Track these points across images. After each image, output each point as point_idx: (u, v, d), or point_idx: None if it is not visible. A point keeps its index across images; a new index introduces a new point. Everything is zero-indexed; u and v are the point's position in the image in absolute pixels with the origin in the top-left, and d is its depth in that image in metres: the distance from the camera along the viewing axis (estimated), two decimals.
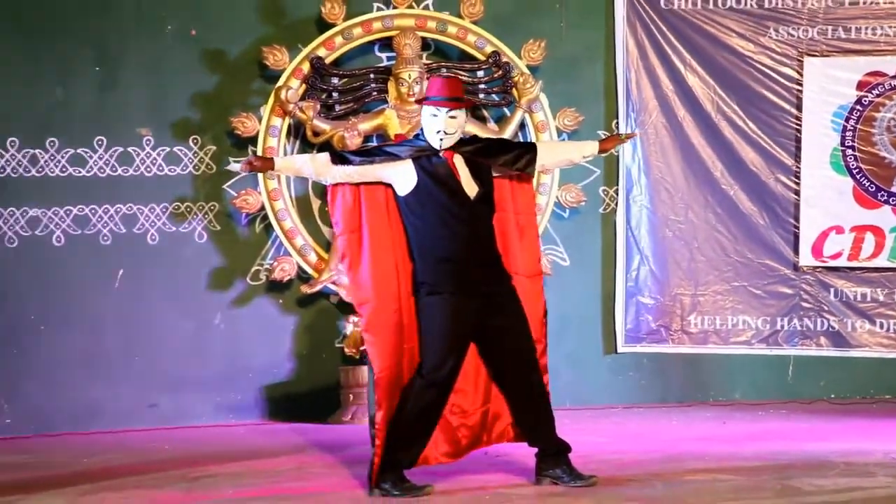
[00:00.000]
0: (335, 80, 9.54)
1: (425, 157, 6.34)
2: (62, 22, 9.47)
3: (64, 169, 9.47)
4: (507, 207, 6.58)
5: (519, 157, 6.52)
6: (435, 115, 6.29)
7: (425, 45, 9.62)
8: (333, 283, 9.44)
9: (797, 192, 9.62)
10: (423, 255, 6.29)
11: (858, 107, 9.54)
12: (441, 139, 6.29)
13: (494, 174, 6.48)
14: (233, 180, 9.58)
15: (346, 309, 9.53)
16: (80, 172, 9.48)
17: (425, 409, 6.24)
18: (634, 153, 9.70)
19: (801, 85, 9.60)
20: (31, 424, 9.30)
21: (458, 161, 6.34)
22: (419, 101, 6.52)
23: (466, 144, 6.45)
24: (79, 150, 9.48)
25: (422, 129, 6.46)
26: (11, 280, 9.39)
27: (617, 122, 9.72)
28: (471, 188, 6.33)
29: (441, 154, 6.34)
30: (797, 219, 9.61)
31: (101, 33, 9.52)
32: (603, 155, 6.81)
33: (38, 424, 9.30)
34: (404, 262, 6.37)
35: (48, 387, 9.36)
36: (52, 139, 9.46)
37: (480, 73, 9.60)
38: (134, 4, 9.56)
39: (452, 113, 6.30)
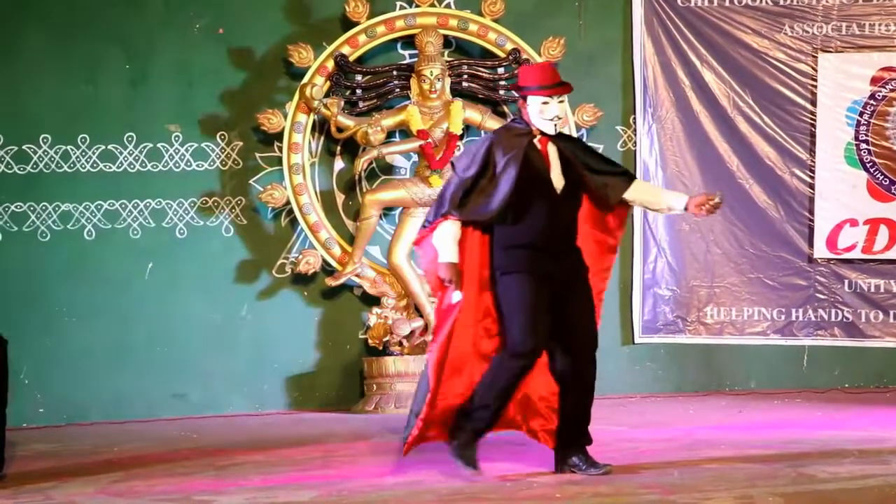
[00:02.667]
0: (359, 77, 9.55)
1: (523, 146, 6.18)
2: (92, 21, 9.51)
3: (95, 165, 9.51)
4: (597, 224, 6.40)
5: (611, 180, 6.28)
6: (546, 103, 6.13)
7: (447, 42, 9.62)
8: (357, 275, 9.45)
9: (812, 186, 9.60)
10: (501, 241, 6.18)
11: (872, 102, 9.51)
12: (555, 124, 6.16)
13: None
14: (259, 175, 9.60)
15: (370, 301, 9.55)
16: (110, 168, 9.52)
17: (505, 382, 6.16)
18: (651, 148, 9.69)
19: (815, 80, 9.58)
20: (63, 414, 9.35)
21: (552, 151, 6.20)
22: (515, 89, 6.29)
23: (562, 138, 6.30)
24: (109, 147, 9.52)
25: (519, 116, 6.29)
26: (44, 273, 9.43)
27: (634, 118, 9.71)
28: (558, 181, 6.17)
29: (537, 141, 6.19)
30: (812, 212, 9.59)
31: (130, 32, 9.55)
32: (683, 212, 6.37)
33: (69, 414, 9.35)
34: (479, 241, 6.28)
35: (80, 377, 9.40)
36: (83, 136, 9.49)
37: (501, 70, 9.59)
38: (162, 4, 9.59)
39: (562, 98, 6.19)
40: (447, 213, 6.20)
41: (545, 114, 6.13)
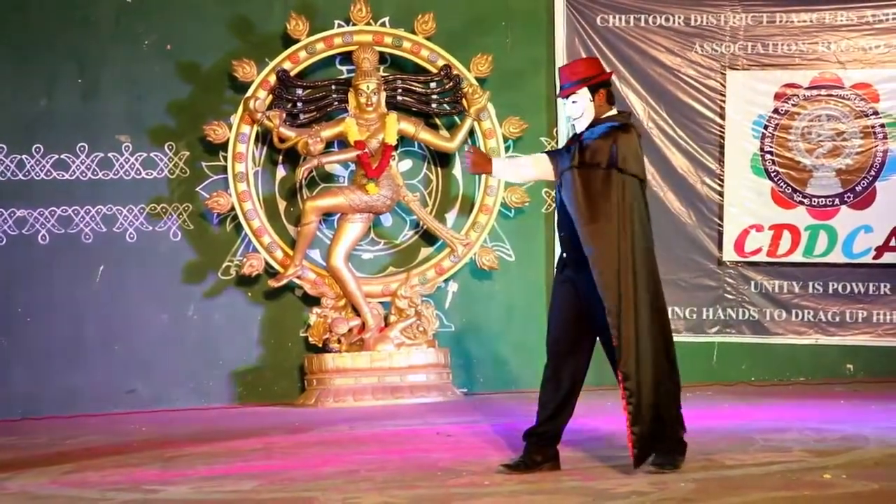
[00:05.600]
0: (299, 91, 9.52)
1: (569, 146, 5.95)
2: (47, 38, 9.42)
3: (49, 173, 9.41)
4: None
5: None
6: (565, 104, 5.97)
7: (382, 58, 9.62)
8: (298, 277, 9.43)
9: (721, 194, 9.68)
10: None
11: (776, 116, 9.62)
12: (573, 124, 5.96)
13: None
14: (205, 183, 9.55)
15: (310, 301, 9.53)
16: (63, 176, 9.43)
17: (543, 378, 5.98)
18: None
19: (724, 96, 9.67)
20: (18, 408, 9.25)
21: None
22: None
23: (593, 133, 5.83)
24: (62, 156, 9.43)
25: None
26: (0, 276, 9.32)
27: (557, 130, 9.76)
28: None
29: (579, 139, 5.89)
30: (721, 218, 9.68)
31: (82, 48, 9.48)
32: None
33: (24, 408, 9.25)
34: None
35: (34, 373, 9.30)
36: (38, 145, 9.40)
37: (433, 85, 9.60)
38: (113, 21, 9.52)
39: (573, 98, 5.87)
40: None
41: (566, 114, 5.91)
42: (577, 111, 5.90)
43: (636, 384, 5.72)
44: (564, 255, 5.91)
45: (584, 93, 5.89)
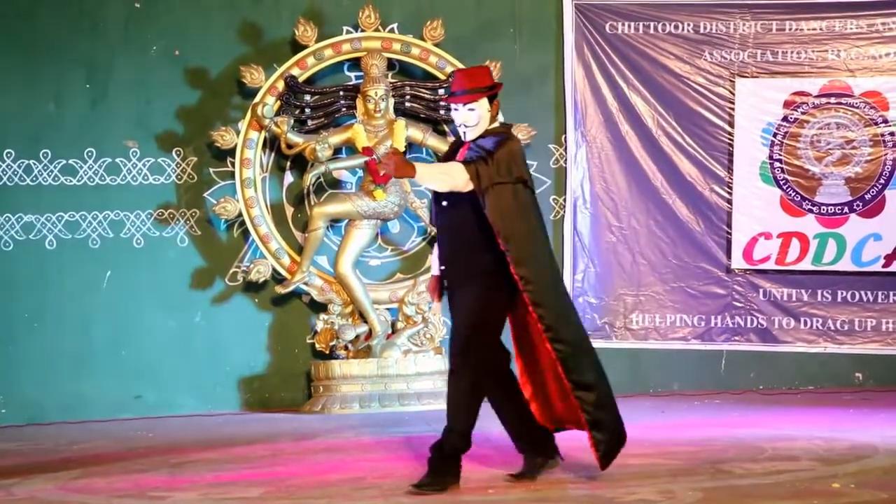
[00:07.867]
0: (307, 97, 9.54)
1: (450, 153, 6.01)
2: (55, 43, 9.45)
3: (56, 178, 9.44)
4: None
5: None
6: (456, 110, 5.85)
7: (391, 65, 9.63)
8: (305, 283, 9.44)
9: (729, 202, 9.69)
10: None
11: (785, 124, 9.62)
12: (464, 132, 5.89)
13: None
14: (213, 189, 9.57)
15: (317, 307, 9.53)
16: (71, 181, 9.45)
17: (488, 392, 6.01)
18: (581, 165, 9.75)
19: (733, 103, 9.67)
20: (24, 414, 9.27)
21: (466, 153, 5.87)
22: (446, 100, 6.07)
23: (479, 142, 5.84)
24: (70, 161, 9.45)
25: None
26: (7, 281, 9.35)
27: (566, 137, 9.76)
28: None
29: (463, 147, 5.91)
30: (729, 225, 9.68)
31: (91, 53, 9.50)
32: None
33: (31, 414, 9.27)
34: None
35: (41, 379, 9.32)
36: (46, 150, 9.42)
37: (441, 91, 9.61)
38: (122, 27, 9.55)
39: (470, 106, 5.83)
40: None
41: (456, 120, 5.91)
42: (473, 119, 5.87)
43: (589, 391, 5.88)
44: (442, 249, 5.90)
45: (483, 102, 5.89)
